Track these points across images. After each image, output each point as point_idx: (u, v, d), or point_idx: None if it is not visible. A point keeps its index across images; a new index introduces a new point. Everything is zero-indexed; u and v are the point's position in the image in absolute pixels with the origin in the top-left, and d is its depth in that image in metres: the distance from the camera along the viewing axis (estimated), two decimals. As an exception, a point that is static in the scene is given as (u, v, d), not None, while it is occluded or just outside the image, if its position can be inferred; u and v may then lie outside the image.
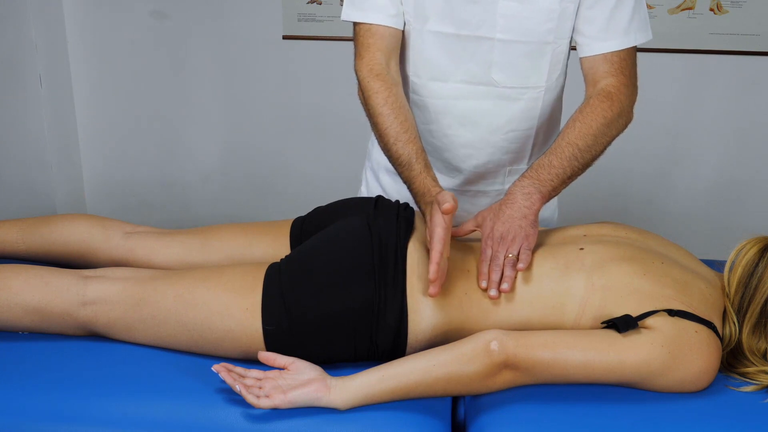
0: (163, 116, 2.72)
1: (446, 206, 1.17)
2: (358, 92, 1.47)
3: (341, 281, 1.26)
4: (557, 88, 1.53)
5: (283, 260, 1.32)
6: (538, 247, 1.34)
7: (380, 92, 1.41)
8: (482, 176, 1.59)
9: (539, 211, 1.33)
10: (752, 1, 2.38)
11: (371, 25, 1.45)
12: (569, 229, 1.42)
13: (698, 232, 2.65)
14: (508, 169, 1.59)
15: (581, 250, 1.30)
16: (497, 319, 1.26)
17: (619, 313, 1.19)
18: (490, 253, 1.29)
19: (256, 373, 1.18)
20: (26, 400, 1.17)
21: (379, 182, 1.71)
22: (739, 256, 1.27)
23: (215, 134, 2.73)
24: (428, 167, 1.36)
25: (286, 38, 2.56)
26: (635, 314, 1.18)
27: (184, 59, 2.63)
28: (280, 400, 1.13)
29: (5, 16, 2.28)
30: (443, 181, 1.59)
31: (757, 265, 1.25)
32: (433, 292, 1.20)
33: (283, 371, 1.18)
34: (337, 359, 1.27)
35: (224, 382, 1.15)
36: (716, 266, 1.37)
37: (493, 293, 1.25)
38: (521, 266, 1.27)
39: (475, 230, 1.37)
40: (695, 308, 1.20)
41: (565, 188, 1.39)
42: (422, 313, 1.25)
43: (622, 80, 1.43)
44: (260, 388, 1.14)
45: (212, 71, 2.64)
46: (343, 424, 1.13)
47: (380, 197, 1.48)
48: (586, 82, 1.46)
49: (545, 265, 1.29)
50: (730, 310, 1.26)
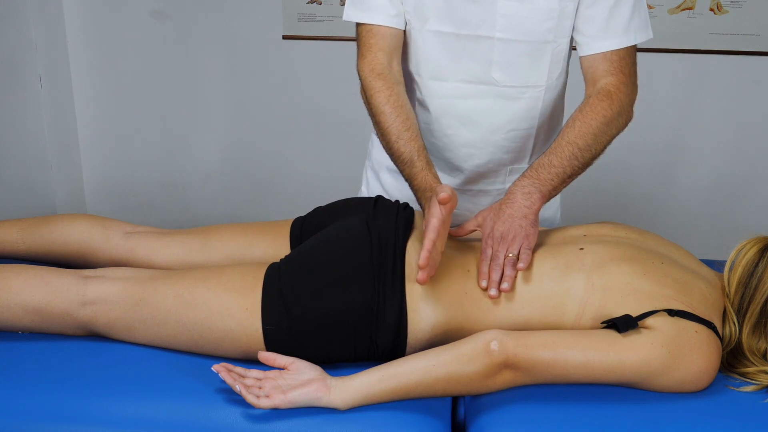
0: (163, 116, 2.72)
1: (443, 195, 1.17)
2: (360, 92, 1.47)
3: (341, 281, 1.26)
4: (558, 87, 1.53)
5: (282, 260, 1.32)
6: (538, 247, 1.34)
7: (382, 91, 1.41)
8: (483, 175, 1.59)
9: (539, 210, 1.34)
10: (752, 1, 2.38)
11: (372, 25, 1.46)
12: (569, 229, 1.42)
13: (699, 231, 2.65)
14: (509, 168, 1.59)
15: (581, 250, 1.30)
16: (497, 318, 1.26)
17: (619, 313, 1.19)
18: (490, 252, 1.29)
19: (256, 373, 1.18)
20: (26, 400, 1.17)
21: (379, 181, 1.71)
22: (739, 256, 1.28)
23: (215, 134, 2.73)
24: (430, 164, 1.36)
25: (286, 38, 2.56)
26: (635, 314, 1.18)
27: (184, 59, 2.63)
28: (280, 400, 1.13)
29: (5, 16, 2.28)
30: (445, 180, 1.59)
31: (757, 265, 1.25)
32: (421, 278, 1.19)
33: (283, 371, 1.18)
34: (337, 359, 1.27)
35: (224, 382, 1.15)
36: (716, 266, 1.37)
37: (493, 292, 1.25)
38: (521, 266, 1.27)
39: (475, 230, 1.37)
40: (695, 308, 1.20)
41: (565, 187, 1.40)
42: (422, 312, 1.25)
43: (621, 79, 1.43)
44: (260, 388, 1.14)
45: (212, 71, 2.64)
46: (343, 424, 1.13)
47: (380, 197, 1.48)
48: (585, 81, 1.47)
49: (545, 265, 1.29)
50: (730, 310, 1.26)
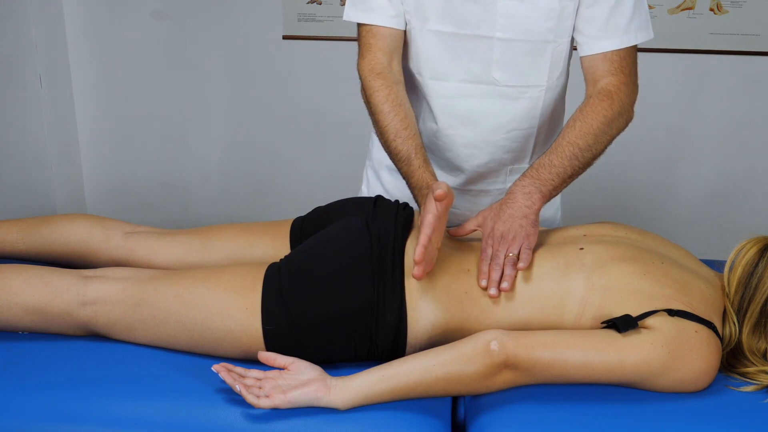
0: (163, 116, 2.72)
1: (438, 192, 1.17)
2: (360, 91, 1.48)
3: (341, 281, 1.26)
4: (559, 87, 1.53)
5: (282, 260, 1.32)
6: (538, 246, 1.34)
7: (381, 90, 1.42)
8: (484, 175, 1.59)
9: (540, 210, 1.34)
10: (752, 1, 2.38)
11: (372, 25, 1.46)
12: (569, 229, 1.42)
13: (699, 231, 2.65)
14: (509, 168, 1.59)
15: (581, 250, 1.30)
16: (497, 318, 1.26)
17: (619, 313, 1.19)
18: (490, 252, 1.29)
19: (256, 373, 1.18)
20: (26, 400, 1.17)
21: (380, 180, 1.71)
22: (739, 256, 1.27)
23: (215, 134, 2.73)
24: (427, 162, 1.37)
25: (286, 38, 2.56)
26: (635, 314, 1.18)
27: (184, 59, 2.63)
28: (280, 400, 1.13)
29: (5, 16, 2.28)
30: (445, 180, 1.59)
31: (757, 265, 1.25)
32: (417, 273, 1.19)
33: (283, 371, 1.18)
34: (337, 359, 1.27)
35: (224, 382, 1.15)
36: (716, 266, 1.37)
37: (492, 292, 1.25)
38: (522, 265, 1.27)
39: (475, 230, 1.37)
40: (695, 308, 1.20)
41: (565, 187, 1.40)
42: (422, 312, 1.25)
43: (622, 79, 1.43)
44: (260, 388, 1.14)
45: (212, 71, 2.64)
46: (343, 424, 1.13)
47: (379, 197, 1.49)
48: (586, 81, 1.47)
49: (545, 264, 1.29)
50: (730, 310, 1.26)
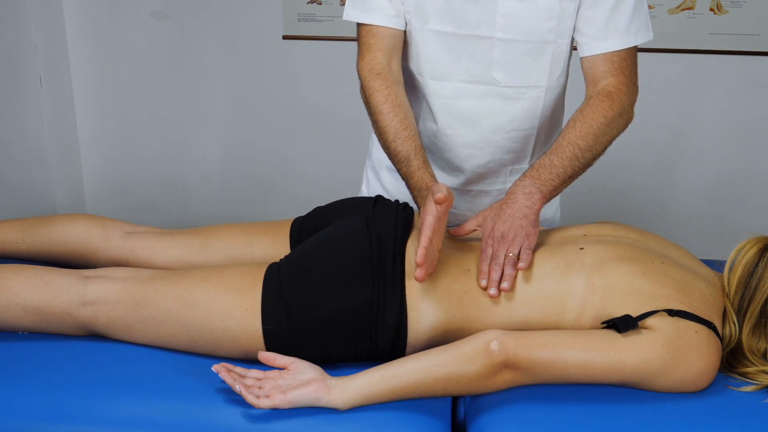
0: (163, 116, 2.72)
1: (439, 195, 1.17)
2: (360, 91, 1.48)
3: (341, 281, 1.26)
4: (559, 87, 1.53)
5: (282, 260, 1.32)
6: (538, 246, 1.34)
7: (380, 90, 1.42)
8: (484, 176, 1.59)
9: (540, 210, 1.34)
10: (752, 1, 2.38)
11: (372, 25, 1.46)
12: (569, 228, 1.42)
13: (699, 231, 2.65)
14: (509, 168, 1.59)
15: (581, 249, 1.30)
16: (497, 318, 1.26)
17: (619, 313, 1.19)
18: (490, 252, 1.29)
19: (256, 373, 1.18)
20: (26, 400, 1.17)
21: (379, 181, 1.71)
22: (739, 256, 1.27)
23: (215, 134, 2.73)
24: (426, 163, 1.37)
25: (286, 38, 2.56)
26: (635, 314, 1.18)
27: (184, 59, 2.63)
28: (280, 400, 1.13)
29: (5, 16, 2.28)
30: (445, 180, 1.59)
31: (757, 265, 1.25)
32: (419, 275, 1.19)
33: (283, 371, 1.18)
34: (337, 359, 1.27)
35: (224, 382, 1.15)
36: (716, 266, 1.37)
37: (492, 292, 1.25)
38: (522, 265, 1.27)
39: (476, 230, 1.37)
40: (695, 308, 1.20)
41: (565, 188, 1.40)
42: (422, 312, 1.25)
43: (622, 80, 1.43)
44: (260, 388, 1.14)
45: (212, 71, 2.64)
46: (343, 424, 1.13)
47: (379, 197, 1.48)
48: (586, 81, 1.47)
49: (545, 264, 1.29)
50: (730, 310, 1.26)
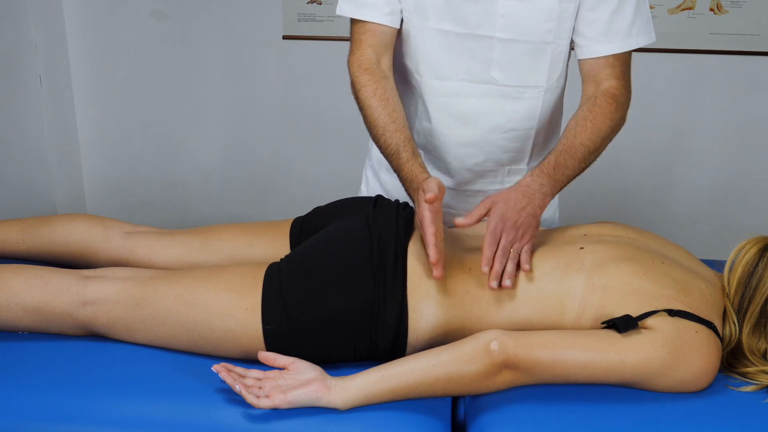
0: (163, 116, 2.72)
1: (429, 195, 1.19)
2: (350, 87, 1.48)
3: (341, 281, 1.26)
4: (558, 88, 1.53)
5: (282, 260, 1.32)
6: (538, 246, 1.34)
7: (368, 85, 1.43)
8: (482, 175, 1.59)
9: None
10: (752, 1, 2.38)
11: (365, 22, 1.46)
12: (569, 228, 1.42)
13: (698, 231, 2.65)
14: (507, 168, 1.59)
15: (581, 249, 1.30)
16: (497, 318, 1.26)
17: (619, 313, 1.19)
18: (498, 239, 1.25)
19: (256, 373, 1.18)
20: (26, 400, 1.17)
21: (379, 180, 1.71)
22: (739, 256, 1.27)
23: (215, 134, 2.73)
24: (415, 154, 1.37)
25: (286, 38, 2.56)
26: (635, 314, 1.18)
27: (184, 59, 2.63)
28: (280, 400, 1.13)
29: (5, 16, 2.28)
30: (443, 179, 1.58)
31: (757, 265, 1.25)
32: (437, 274, 1.20)
33: (283, 371, 1.18)
34: (337, 359, 1.27)
35: (224, 382, 1.15)
36: (716, 266, 1.37)
37: (494, 284, 1.24)
38: (527, 267, 1.26)
39: (485, 216, 1.31)
40: (695, 308, 1.20)
41: None
42: (423, 312, 1.25)
43: (623, 84, 1.44)
44: (260, 388, 1.14)
45: (212, 71, 2.64)
46: (343, 424, 1.13)
47: (379, 197, 1.48)
48: (584, 82, 1.46)
49: (546, 264, 1.29)
50: (730, 310, 1.26)
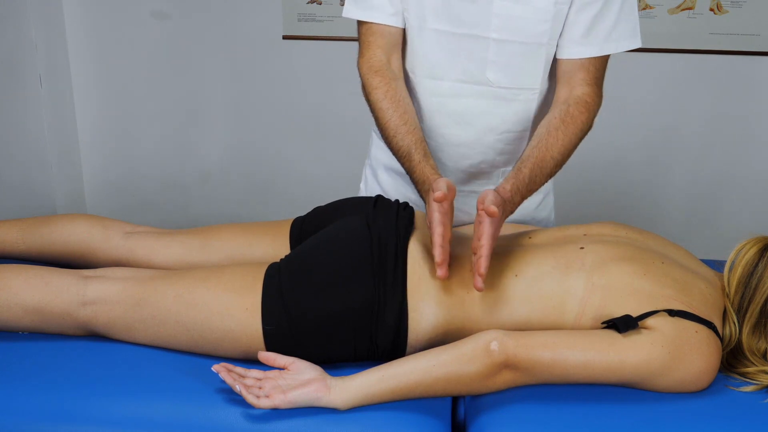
0: (163, 116, 2.72)
1: (437, 195, 1.18)
2: (361, 89, 1.48)
3: (341, 281, 1.26)
4: (552, 91, 1.52)
5: (282, 260, 1.32)
6: (538, 246, 1.34)
7: (379, 88, 1.43)
8: (476, 176, 1.59)
9: None
10: (752, 1, 2.38)
11: (372, 23, 1.46)
12: (569, 228, 1.42)
13: (696, 231, 2.65)
14: (501, 170, 1.59)
15: (581, 249, 1.30)
16: (497, 318, 1.26)
17: (619, 313, 1.19)
18: (492, 232, 1.20)
19: (256, 373, 1.18)
20: (26, 400, 1.17)
21: (377, 180, 1.71)
22: (739, 256, 1.27)
23: (215, 134, 2.73)
24: (427, 156, 1.37)
25: (286, 38, 2.56)
26: (635, 314, 1.18)
27: (184, 59, 2.63)
28: (280, 400, 1.13)
29: (5, 16, 2.28)
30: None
31: (756, 265, 1.25)
32: (441, 274, 1.20)
33: (283, 371, 1.18)
34: (337, 359, 1.27)
35: (224, 382, 1.15)
36: (716, 266, 1.37)
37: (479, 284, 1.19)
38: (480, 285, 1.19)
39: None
40: (695, 308, 1.20)
41: None
42: (423, 312, 1.25)
43: (596, 90, 1.45)
44: (260, 388, 1.14)
45: (212, 71, 2.64)
46: (343, 424, 1.13)
47: (380, 197, 1.48)
48: (558, 82, 1.46)
49: (546, 264, 1.29)
50: (730, 310, 1.26)
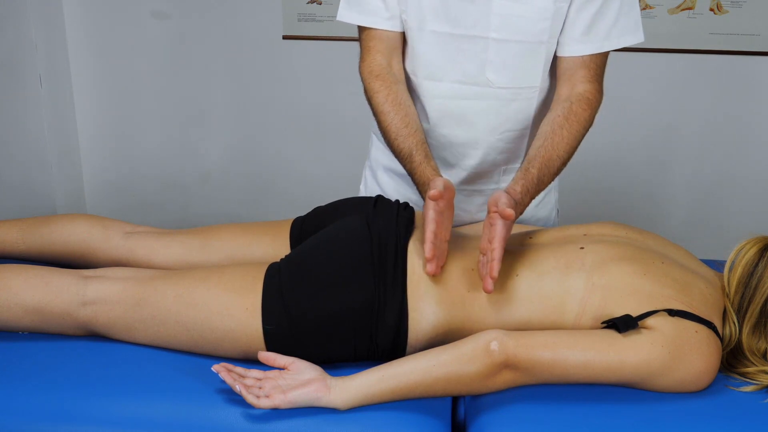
0: (163, 116, 2.72)
1: (432, 193, 1.19)
2: (364, 93, 1.49)
3: (341, 281, 1.26)
4: (552, 90, 1.52)
5: (282, 260, 1.32)
6: (539, 246, 1.34)
7: (380, 91, 1.44)
8: (477, 176, 1.59)
9: None
10: (752, 1, 2.38)
11: (370, 28, 1.46)
12: (570, 228, 1.42)
13: (697, 231, 2.65)
14: (502, 168, 1.59)
15: (581, 249, 1.30)
16: (497, 318, 1.26)
17: (619, 312, 1.19)
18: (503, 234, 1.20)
19: (256, 373, 1.18)
20: (26, 400, 1.17)
21: (376, 180, 1.71)
22: (739, 256, 1.27)
23: (215, 134, 2.73)
24: (428, 158, 1.38)
25: (286, 38, 2.56)
26: (635, 314, 1.18)
27: (184, 59, 2.63)
28: (280, 400, 1.13)
29: (5, 16, 2.28)
30: (439, 179, 1.59)
31: (756, 265, 1.25)
32: (430, 270, 1.21)
33: (283, 371, 1.18)
34: (337, 359, 1.27)
35: (224, 382, 1.15)
36: (716, 266, 1.37)
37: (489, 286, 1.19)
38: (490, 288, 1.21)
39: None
40: (695, 308, 1.20)
41: None
42: (423, 312, 1.25)
43: (597, 87, 1.45)
44: (260, 388, 1.14)
45: (212, 71, 2.64)
46: (343, 424, 1.13)
47: (380, 197, 1.48)
48: (559, 80, 1.46)
49: (546, 264, 1.29)
50: (730, 310, 1.26)
